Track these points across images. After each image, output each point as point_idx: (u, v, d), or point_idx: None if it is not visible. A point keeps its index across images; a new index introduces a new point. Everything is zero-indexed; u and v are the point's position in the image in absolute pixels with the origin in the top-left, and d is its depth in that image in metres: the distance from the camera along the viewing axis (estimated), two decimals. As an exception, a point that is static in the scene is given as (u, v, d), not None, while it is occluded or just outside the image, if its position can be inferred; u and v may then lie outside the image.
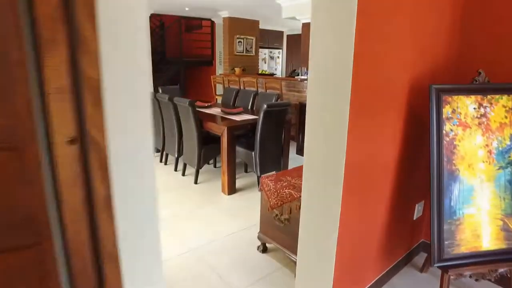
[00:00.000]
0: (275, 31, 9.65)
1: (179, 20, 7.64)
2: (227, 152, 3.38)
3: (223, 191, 3.57)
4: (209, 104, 4.66)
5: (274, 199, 2.20)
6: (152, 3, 6.53)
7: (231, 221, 2.96)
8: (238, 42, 7.23)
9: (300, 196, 1.76)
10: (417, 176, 2.12)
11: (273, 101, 4.22)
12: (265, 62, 9.80)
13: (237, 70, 6.92)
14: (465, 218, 1.75)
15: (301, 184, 1.71)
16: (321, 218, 1.63)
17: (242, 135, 3.84)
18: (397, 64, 1.66)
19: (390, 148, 1.82)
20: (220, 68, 8.46)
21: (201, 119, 3.67)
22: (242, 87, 6.32)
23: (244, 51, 7.39)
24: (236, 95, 4.93)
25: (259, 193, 2.42)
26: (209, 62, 8.44)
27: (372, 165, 1.72)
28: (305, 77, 5.44)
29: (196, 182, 3.82)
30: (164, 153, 4.50)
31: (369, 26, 1.41)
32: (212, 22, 8.14)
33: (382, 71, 1.58)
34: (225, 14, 6.94)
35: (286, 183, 2.21)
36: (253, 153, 3.51)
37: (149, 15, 6.87)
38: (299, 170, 2.41)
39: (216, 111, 4.24)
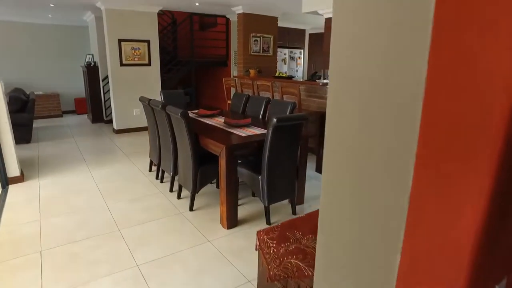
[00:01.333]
0: (296, 29, 8.90)
1: (190, 16, 7.05)
2: (226, 178, 2.69)
3: (221, 223, 2.89)
4: (214, 112, 4.00)
5: (275, 268, 1.49)
6: (160, -2, 5.97)
7: (224, 269, 2.28)
8: (254, 41, 6.54)
9: (313, 274, 1.05)
10: (502, 247, 1.35)
11: (288, 110, 3.49)
12: (285, 63, 9.06)
13: (251, 72, 6.24)
14: None
15: (315, 247, 1.00)
16: None
17: (247, 153, 3.15)
18: (497, 73, 0.91)
19: (469, 213, 1.07)
20: (235, 70, 7.80)
21: (197, 133, 3.01)
22: (255, 92, 5.63)
23: (261, 51, 6.70)
24: (246, 102, 4.24)
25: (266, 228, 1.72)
26: (224, 62, 7.81)
27: (446, 248, 0.98)
28: (326, 81, 4.68)
29: (191, 209, 3.16)
30: (161, 169, 3.88)
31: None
32: (227, 20, 7.50)
33: (473, 83, 0.84)
34: (239, 9, 6.27)
35: (293, 245, 1.50)
36: (259, 177, 2.80)
37: (158, 11, 6.32)
38: (314, 218, 1.69)
39: (219, 122, 3.57)
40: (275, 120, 2.56)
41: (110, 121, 7.06)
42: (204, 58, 7.80)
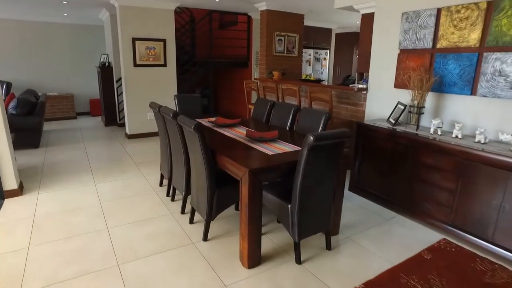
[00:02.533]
0: (322, 28, 8.30)
1: (209, 14, 6.58)
2: (249, 209, 2.17)
3: (241, 259, 2.37)
4: (234, 122, 3.48)
5: None
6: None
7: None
8: (278, 40, 6.00)
9: None
10: None
11: (322, 122, 2.94)
12: (309, 65, 8.47)
13: (275, 74, 5.70)
14: None
15: None
16: None
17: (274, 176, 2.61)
18: None
19: None
20: (256, 71, 7.28)
21: (214, 150, 2.49)
22: (280, 97, 5.09)
23: (285, 51, 6.15)
24: (271, 109, 3.71)
25: (296, 269, 1.19)
26: (244, 63, 7.30)
27: None
28: (364, 86, 4.09)
29: (205, 239, 2.66)
30: (172, 185, 3.40)
31: None
32: (249, 18, 7.00)
33: None
34: (263, 6, 5.75)
35: None
36: (289, 206, 2.27)
37: (175, 8, 5.88)
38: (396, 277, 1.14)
39: (240, 134, 3.05)
40: (312, 138, 2.01)
41: (124, 125, 6.68)
42: (223, 59, 7.33)
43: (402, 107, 3.31)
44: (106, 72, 6.94)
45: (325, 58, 8.59)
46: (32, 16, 7.37)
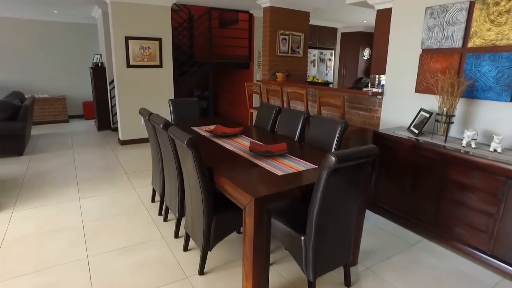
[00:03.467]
0: (327, 27, 7.90)
1: (209, 12, 6.17)
2: (254, 244, 1.76)
3: (244, 302, 1.96)
4: (235, 131, 3.07)
5: None
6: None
7: None
8: (282, 39, 5.60)
9: None
10: None
11: (337, 134, 2.53)
12: (314, 66, 8.06)
13: (278, 75, 5.30)
14: None
15: None
16: None
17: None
18: None
19: None
20: (258, 73, 6.88)
21: (211, 168, 2.09)
22: (285, 101, 4.69)
23: (289, 51, 5.74)
24: (277, 116, 3.30)
25: None
26: (246, 64, 6.90)
27: None
28: (379, 90, 3.69)
29: (201, 272, 2.25)
30: (165, 203, 3.00)
31: None
32: (251, 16, 6.59)
33: None
34: (266, 3, 5.35)
35: None
36: (303, 239, 1.86)
37: (171, 5, 5.47)
38: None
39: (243, 146, 2.65)
40: (333, 159, 1.60)
41: (117, 129, 6.27)
42: (223, 59, 6.92)
43: (427, 115, 2.90)
44: (98, 73, 6.54)
45: (330, 59, 8.18)
46: (21, 14, 6.96)
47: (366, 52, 9.02)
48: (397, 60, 3.45)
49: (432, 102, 3.09)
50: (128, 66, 5.30)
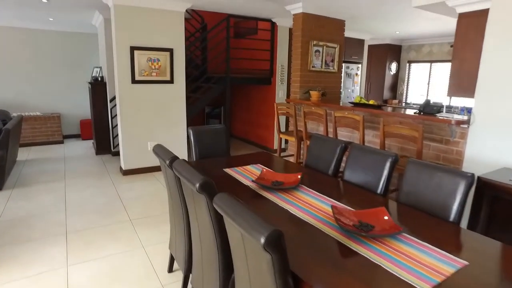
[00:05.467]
0: (354, 38, 7.11)
1: (227, 19, 5.35)
2: None
3: None
4: (292, 184, 2.14)
5: None
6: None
7: None
8: (315, 51, 4.75)
9: None
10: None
11: (464, 192, 1.62)
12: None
13: (313, 94, 4.43)
14: None
15: None
16: None
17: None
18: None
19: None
20: (281, 89, 6.02)
21: (297, 278, 1.16)
22: (330, 127, 3.80)
23: (323, 66, 4.89)
24: (341, 155, 2.40)
25: None
26: (267, 80, 6.04)
27: None
28: (464, 118, 2.81)
29: None
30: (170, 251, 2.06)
31: None
32: (273, 24, 5.78)
33: None
34: (298, 8, 4.53)
35: None
36: None
37: (185, 9, 4.64)
38: None
39: (317, 210, 1.72)
40: None
41: (118, 153, 5.36)
42: (240, 74, 6.07)
43: None
44: (98, 89, 5.67)
45: (357, 74, 7.35)
46: (10, 21, 6.13)
47: (393, 66, 8.21)
48: (495, 78, 2.58)
49: None
50: (133, 81, 4.43)
